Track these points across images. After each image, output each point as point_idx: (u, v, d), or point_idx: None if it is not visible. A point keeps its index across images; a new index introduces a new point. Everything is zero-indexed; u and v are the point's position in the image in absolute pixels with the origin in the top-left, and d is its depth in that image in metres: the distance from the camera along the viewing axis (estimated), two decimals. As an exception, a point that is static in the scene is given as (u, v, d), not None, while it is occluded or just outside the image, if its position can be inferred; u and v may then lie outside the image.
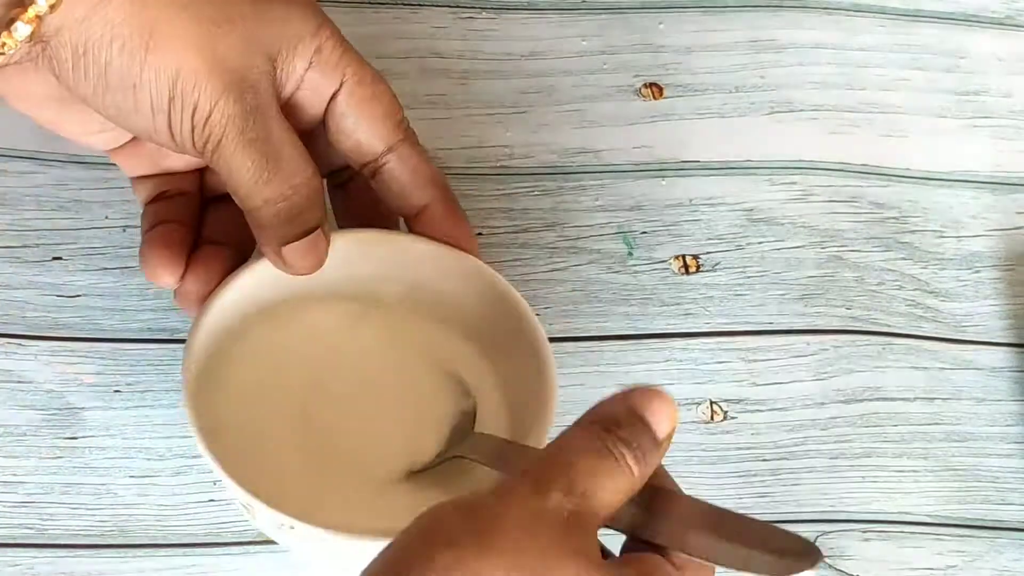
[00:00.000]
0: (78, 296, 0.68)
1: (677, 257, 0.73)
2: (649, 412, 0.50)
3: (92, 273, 0.68)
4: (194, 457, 0.64)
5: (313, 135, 0.61)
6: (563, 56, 0.79)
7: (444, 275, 0.64)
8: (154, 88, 0.56)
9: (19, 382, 0.65)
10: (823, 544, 0.66)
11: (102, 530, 0.63)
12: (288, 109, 0.59)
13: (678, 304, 0.72)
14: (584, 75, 0.78)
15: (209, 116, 0.56)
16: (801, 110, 0.78)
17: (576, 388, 0.69)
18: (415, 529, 0.47)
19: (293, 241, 0.59)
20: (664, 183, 0.75)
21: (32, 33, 0.54)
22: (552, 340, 0.62)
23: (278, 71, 0.58)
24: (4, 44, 0.54)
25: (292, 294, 0.63)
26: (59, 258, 0.68)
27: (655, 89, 0.78)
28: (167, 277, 0.61)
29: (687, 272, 0.73)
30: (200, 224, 0.63)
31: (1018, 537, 0.68)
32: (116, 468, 0.64)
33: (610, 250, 0.73)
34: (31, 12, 0.54)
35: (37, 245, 0.69)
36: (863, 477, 0.68)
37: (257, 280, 0.62)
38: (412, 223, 0.63)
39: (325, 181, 0.63)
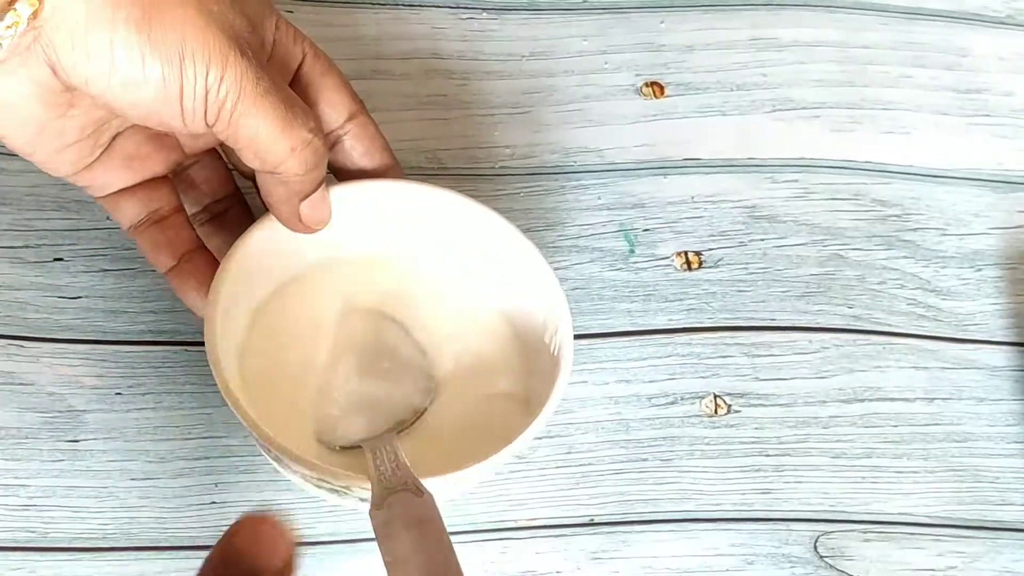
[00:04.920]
0: (79, 298, 0.67)
1: (679, 254, 0.73)
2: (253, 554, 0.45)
3: (93, 274, 0.68)
4: (195, 459, 0.64)
5: None
6: (564, 56, 0.78)
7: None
8: (163, 55, 0.53)
9: (20, 384, 0.65)
10: (824, 544, 0.66)
11: (104, 533, 0.62)
12: None
13: (680, 300, 0.72)
14: (585, 74, 0.78)
15: (223, 75, 0.54)
16: (803, 108, 0.78)
17: (580, 386, 0.69)
18: None
19: (311, 195, 0.60)
20: (666, 180, 0.75)
21: (35, 12, 0.52)
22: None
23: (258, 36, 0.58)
24: (10, 26, 0.52)
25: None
26: (60, 259, 0.68)
27: (656, 88, 0.78)
28: None
29: (689, 268, 0.73)
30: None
31: (1018, 537, 0.68)
32: (117, 471, 0.64)
33: (612, 248, 0.73)
34: None
35: (38, 246, 0.68)
36: (863, 477, 0.68)
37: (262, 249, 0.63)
38: None
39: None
